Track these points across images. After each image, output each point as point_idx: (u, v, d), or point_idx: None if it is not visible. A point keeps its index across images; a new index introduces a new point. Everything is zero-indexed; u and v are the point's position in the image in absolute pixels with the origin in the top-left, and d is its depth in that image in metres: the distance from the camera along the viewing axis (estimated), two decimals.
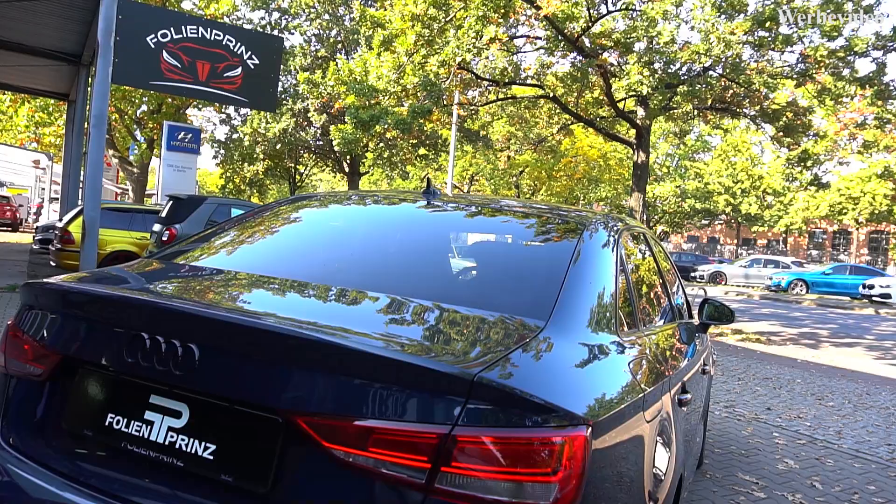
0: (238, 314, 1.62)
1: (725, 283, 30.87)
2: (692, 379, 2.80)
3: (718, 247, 52.98)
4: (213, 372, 1.46)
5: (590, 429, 1.39)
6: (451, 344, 1.58)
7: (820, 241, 50.71)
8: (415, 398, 1.32)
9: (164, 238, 9.65)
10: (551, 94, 15.33)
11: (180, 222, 9.86)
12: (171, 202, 10.59)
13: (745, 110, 14.94)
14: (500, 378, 1.34)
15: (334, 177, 40.20)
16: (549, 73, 15.65)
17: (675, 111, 15.60)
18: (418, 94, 14.36)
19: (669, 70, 13.01)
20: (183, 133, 18.84)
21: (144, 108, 24.99)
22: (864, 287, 25.22)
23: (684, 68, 13.32)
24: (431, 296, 1.90)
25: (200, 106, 27.31)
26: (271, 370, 1.42)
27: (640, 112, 14.70)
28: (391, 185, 40.89)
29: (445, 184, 21.62)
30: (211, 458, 1.43)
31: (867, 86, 12.78)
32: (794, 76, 13.34)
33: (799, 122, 14.43)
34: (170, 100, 23.67)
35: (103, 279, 2.00)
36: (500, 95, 16.73)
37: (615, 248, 2.27)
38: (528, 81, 15.50)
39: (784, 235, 49.01)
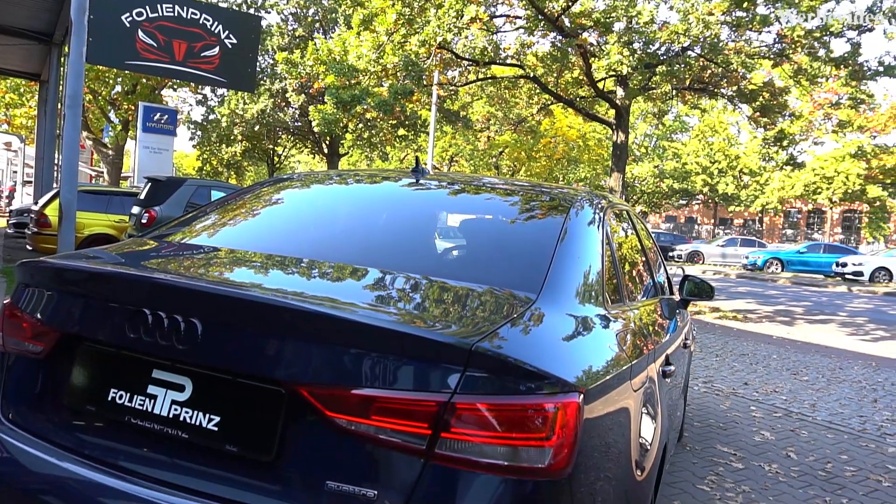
0: (240, 288, 1.65)
1: (703, 262, 31.26)
2: (675, 352, 2.88)
3: (696, 226, 53.55)
4: (216, 346, 1.48)
5: (582, 395, 1.44)
6: (448, 315, 1.62)
7: (795, 220, 51.47)
8: (415, 367, 1.37)
9: (144, 220, 9.52)
10: (531, 75, 15.31)
11: (160, 204, 9.74)
12: (150, 184, 10.45)
13: (722, 90, 15.03)
14: (497, 347, 1.39)
15: (313, 158, 39.86)
16: (529, 53, 15.60)
17: (654, 91, 15.67)
18: (398, 73, 14.25)
19: (649, 50, 13.03)
20: (159, 114, 18.55)
21: (119, 88, 24.52)
22: (837, 265, 25.62)
23: (663, 48, 13.34)
24: (428, 270, 1.95)
25: (176, 87, 26.85)
26: (274, 342, 1.46)
27: (620, 92, 14.74)
28: (370, 166, 40.66)
29: (426, 164, 21.57)
30: (215, 429, 1.46)
31: (842, 66, 12.93)
32: (771, 56, 13.45)
33: (775, 103, 14.57)
34: (145, 80, 23.25)
35: (101, 257, 2.01)
36: (480, 75, 16.67)
37: (601, 225, 2.32)
38: (509, 61, 15.45)
39: (760, 215, 49.65)
